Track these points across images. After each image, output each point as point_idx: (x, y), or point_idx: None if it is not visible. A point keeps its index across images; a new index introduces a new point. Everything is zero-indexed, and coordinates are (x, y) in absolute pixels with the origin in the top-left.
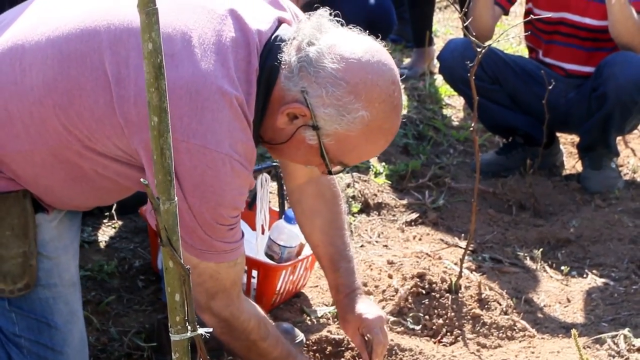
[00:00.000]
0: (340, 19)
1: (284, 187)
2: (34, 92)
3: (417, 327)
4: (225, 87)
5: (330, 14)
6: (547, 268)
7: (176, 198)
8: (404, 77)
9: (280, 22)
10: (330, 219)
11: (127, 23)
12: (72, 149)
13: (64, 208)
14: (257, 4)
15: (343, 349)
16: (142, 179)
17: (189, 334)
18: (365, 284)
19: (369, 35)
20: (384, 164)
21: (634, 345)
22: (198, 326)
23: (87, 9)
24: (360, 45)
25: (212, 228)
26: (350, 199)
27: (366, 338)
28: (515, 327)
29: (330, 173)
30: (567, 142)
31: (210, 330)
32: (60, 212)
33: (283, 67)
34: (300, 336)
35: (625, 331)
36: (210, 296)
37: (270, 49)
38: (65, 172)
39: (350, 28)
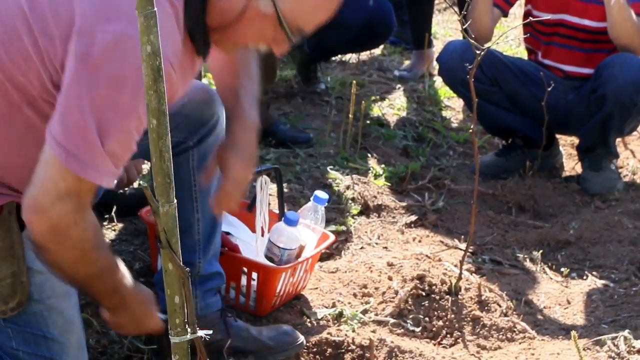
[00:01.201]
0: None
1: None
2: None
3: (417, 329)
4: None
5: None
6: (547, 270)
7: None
8: (404, 79)
9: None
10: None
11: None
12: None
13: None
14: None
15: (343, 351)
16: (141, 182)
17: (188, 336)
18: (365, 286)
19: (369, 37)
20: (383, 165)
21: (634, 347)
22: (198, 328)
23: None
24: None
25: (110, 112)
26: (350, 201)
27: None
28: (515, 329)
29: (291, 41)
30: (567, 144)
31: (210, 332)
32: None
33: None
34: (301, 338)
35: (625, 333)
36: (59, 197)
37: None
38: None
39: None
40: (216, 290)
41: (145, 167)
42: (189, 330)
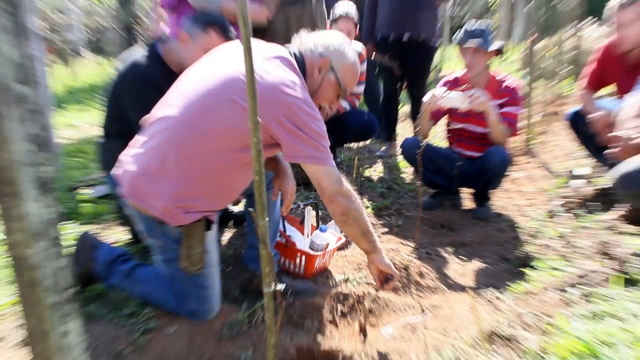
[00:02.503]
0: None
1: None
2: (208, 140)
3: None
4: (293, 76)
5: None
6: (455, 257)
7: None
8: (381, 157)
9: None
10: None
11: (234, 73)
12: (238, 156)
13: (232, 198)
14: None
15: (349, 298)
16: (250, 209)
17: (272, 288)
18: (360, 264)
19: (364, 134)
20: (370, 202)
21: (497, 296)
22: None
23: (208, 76)
24: (330, 35)
25: (316, 133)
26: None
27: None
28: (438, 288)
29: (344, 97)
30: (466, 192)
31: (283, 285)
32: (214, 228)
33: (305, 54)
34: (315, 288)
35: (490, 288)
36: (338, 182)
37: (294, 54)
38: (233, 169)
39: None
40: (275, 262)
41: None
42: (271, 284)
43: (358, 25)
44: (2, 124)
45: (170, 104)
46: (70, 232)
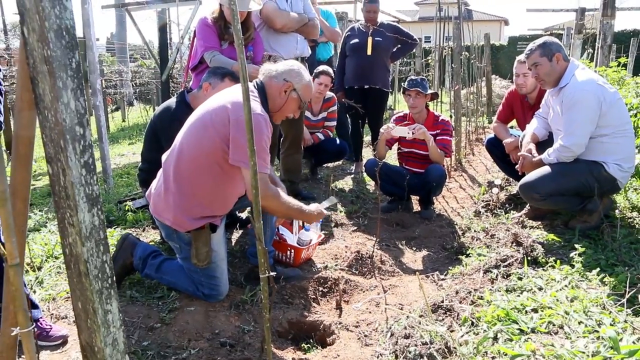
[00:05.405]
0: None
1: None
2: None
3: (357, 272)
4: (252, 102)
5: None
6: (407, 248)
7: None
8: (351, 174)
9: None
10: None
11: (211, 106)
12: (218, 171)
13: (227, 208)
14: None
15: (327, 281)
16: (250, 215)
17: (266, 275)
18: (336, 255)
19: (337, 156)
20: (343, 207)
21: (441, 277)
22: (268, 272)
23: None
24: (289, 63)
25: (264, 151)
26: (330, 221)
27: None
28: (395, 272)
29: (304, 108)
30: (414, 198)
31: (274, 274)
32: (219, 231)
33: (266, 81)
34: (301, 273)
35: (437, 272)
36: (268, 185)
37: (256, 84)
38: (218, 182)
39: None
40: (271, 256)
41: None
42: (266, 272)
43: (333, 79)
44: (65, 155)
45: (177, 138)
46: (117, 234)
